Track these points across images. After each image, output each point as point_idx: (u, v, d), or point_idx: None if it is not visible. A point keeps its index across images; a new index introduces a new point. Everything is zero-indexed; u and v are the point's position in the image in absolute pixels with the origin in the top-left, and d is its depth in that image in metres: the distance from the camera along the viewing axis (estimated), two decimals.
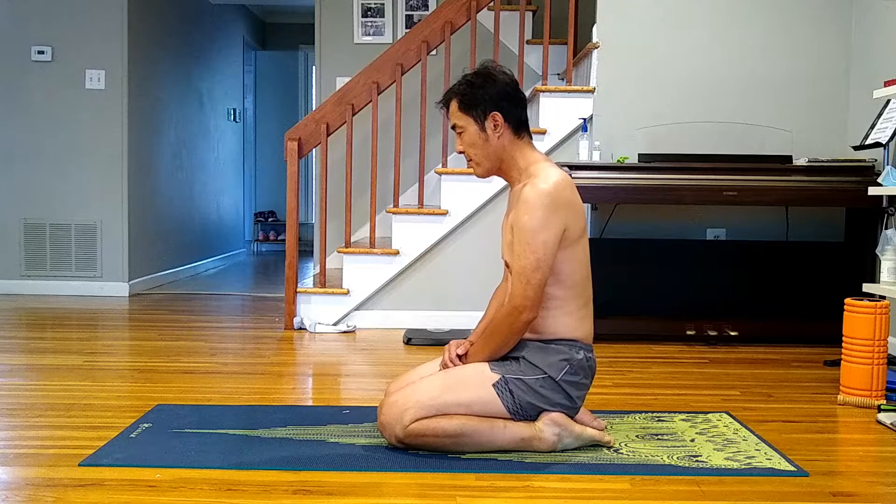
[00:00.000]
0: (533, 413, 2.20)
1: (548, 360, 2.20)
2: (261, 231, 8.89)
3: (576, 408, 2.25)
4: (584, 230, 2.25)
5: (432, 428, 2.13)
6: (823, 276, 3.94)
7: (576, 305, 2.24)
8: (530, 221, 2.13)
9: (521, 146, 2.28)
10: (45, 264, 5.35)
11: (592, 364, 2.28)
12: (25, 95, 5.28)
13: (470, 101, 2.25)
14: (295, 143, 4.19)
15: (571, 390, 2.21)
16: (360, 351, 3.71)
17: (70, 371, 3.16)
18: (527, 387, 2.18)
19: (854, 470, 2.14)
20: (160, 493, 1.90)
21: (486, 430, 2.16)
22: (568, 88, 4.21)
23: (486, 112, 2.23)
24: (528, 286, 2.13)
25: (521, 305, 2.13)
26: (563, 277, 2.20)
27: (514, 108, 2.26)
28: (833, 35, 4.14)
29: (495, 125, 2.24)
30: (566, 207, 2.16)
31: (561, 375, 2.19)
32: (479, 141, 2.26)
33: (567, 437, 2.20)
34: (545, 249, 2.13)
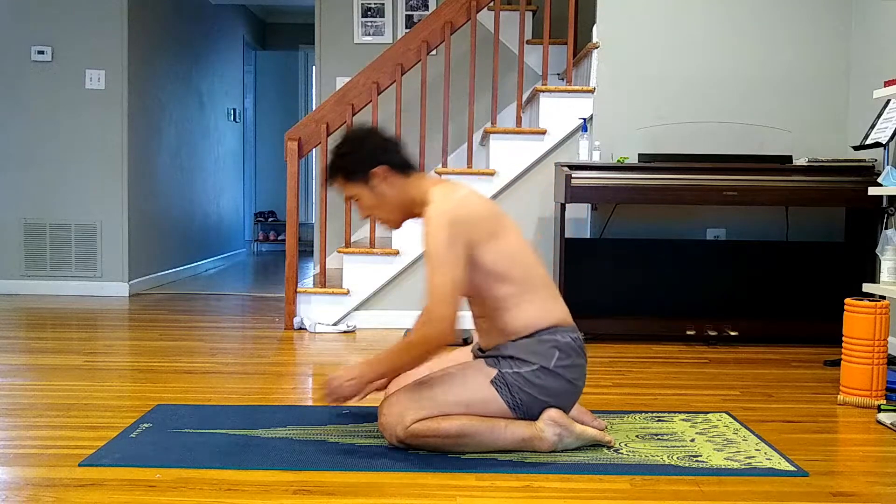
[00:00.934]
0: (534, 408, 2.19)
1: (537, 351, 2.19)
2: (261, 231, 8.89)
3: (578, 391, 2.25)
4: (503, 225, 2.22)
5: (433, 429, 2.13)
6: (823, 276, 3.94)
7: (532, 294, 2.22)
8: (435, 245, 2.12)
9: (414, 182, 2.27)
10: (45, 264, 5.35)
11: (580, 343, 2.27)
12: (25, 95, 5.28)
13: (350, 170, 2.25)
14: (295, 143, 4.19)
15: (567, 374, 2.20)
16: (360, 351, 3.71)
17: (70, 371, 3.16)
18: (524, 380, 2.17)
19: (854, 470, 2.14)
20: (160, 493, 1.90)
21: (486, 430, 2.16)
22: (568, 88, 4.21)
23: (369, 172, 2.23)
24: (446, 305, 2.09)
25: (439, 328, 2.09)
26: (502, 275, 2.19)
27: (391, 155, 2.25)
28: (833, 35, 4.14)
29: (384, 179, 2.24)
30: (466, 221, 2.14)
31: (554, 363, 2.19)
32: (377, 201, 2.26)
33: (568, 436, 2.20)
34: (455, 269, 2.11)
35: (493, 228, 2.20)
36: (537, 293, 2.24)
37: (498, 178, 4.23)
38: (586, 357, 2.29)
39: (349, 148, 2.26)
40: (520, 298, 2.21)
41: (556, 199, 4.01)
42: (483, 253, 2.18)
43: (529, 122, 4.66)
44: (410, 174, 2.28)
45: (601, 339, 3.94)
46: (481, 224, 2.18)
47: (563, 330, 2.24)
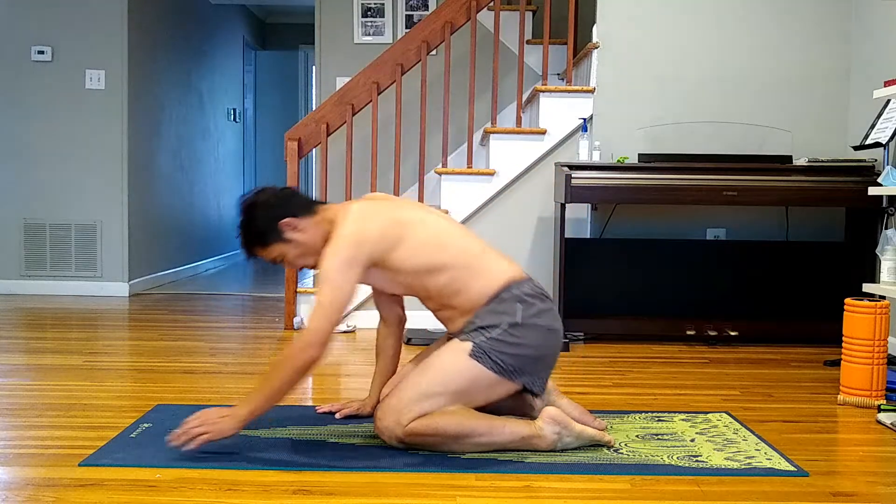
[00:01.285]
0: (524, 366, 2.17)
1: (501, 311, 2.19)
2: None
3: (557, 334, 2.24)
4: (410, 222, 2.22)
5: (432, 427, 2.13)
6: (823, 276, 3.94)
7: (473, 267, 2.22)
8: (327, 268, 2.12)
9: (321, 217, 2.26)
10: (45, 264, 5.35)
11: (540, 289, 2.27)
12: (25, 95, 5.28)
13: (260, 237, 2.25)
14: (295, 143, 4.19)
15: (539, 320, 2.20)
16: (360, 351, 3.71)
17: (70, 371, 3.16)
18: (499, 342, 2.16)
19: (854, 470, 2.14)
20: (160, 493, 1.90)
21: (484, 428, 2.16)
22: (568, 88, 4.21)
23: (278, 230, 2.22)
24: (325, 320, 2.08)
25: (313, 340, 2.07)
26: (432, 266, 2.19)
27: (288, 205, 2.24)
28: (833, 35, 4.14)
29: (295, 228, 2.23)
30: (364, 241, 2.14)
31: (521, 315, 2.18)
32: (299, 250, 2.26)
33: (567, 435, 2.20)
34: (342, 284, 2.10)
35: (398, 233, 2.19)
36: (478, 264, 2.23)
37: (498, 178, 4.23)
38: (550, 299, 2.29)
39: (247, 218, 2.26)
40: (462, 277, 2.21)
41: (556, 199, 4.01)
42: (397, 259, 2.18)
43: (529, 122, 4.66)
44: (316, 210, 2.27)
45: (601, 339, 3.94)
46: (381, 238, 2.16)
47: (518, 284, 2.23)
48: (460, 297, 2.22)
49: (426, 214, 2.30)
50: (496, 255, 2.30)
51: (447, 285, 2.21)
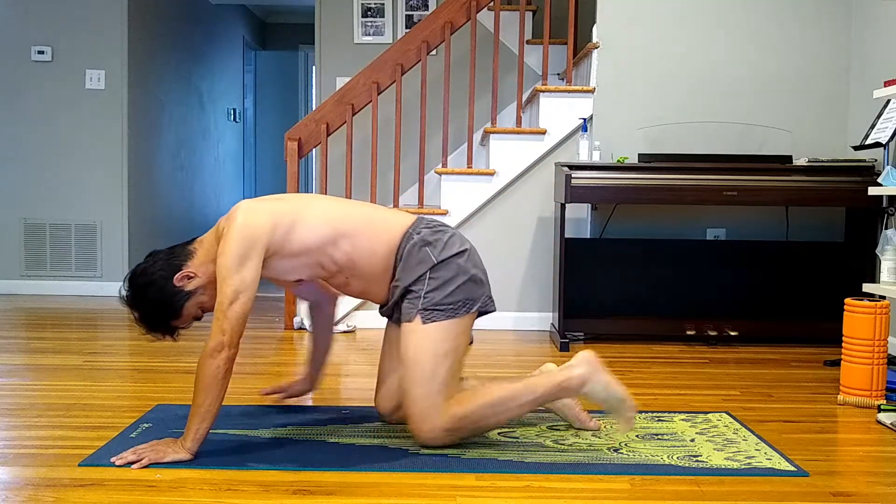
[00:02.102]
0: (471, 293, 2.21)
1: (414, 263, 2.20)
2: None
3: (471, 251, 2.27)
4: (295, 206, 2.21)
5: (469, 409, 2.15)
6: (823, 276, 3.94)
7: (368, 229, 2.23)
8: (223, 262, 2.09)
9: (203, 249, 2.22)
10: (45, 264, 5.35)
11: (432, 221, 2.29)
12: (25, 95, 5.28)
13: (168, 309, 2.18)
14: (295, 143, 4.19)
15: (451, 250, 2.22)
16: (360, 351, 3.71)
17: (70, 371, 3.16)
18: (433, 292, 2.18)
19: (854, 470, 2.14)
20: (160, 493, 1.90)
21: (519, 390, 2.18)
22: (568, 88, 4.21)
23: (179, 291, 2.17)
24: (226, 320, 2.05)
25: (219, 342, 2.05)
26: (331, 235, 2.19)
27: (171, 263, 2.19)
28: (833, 35, 4.14)
29: (189, 276, 2.19)
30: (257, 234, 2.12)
31: (435, 256, 2.20)
32: (210, 292, 2.20)
33: (597, 382, 2.20)
34: (241, 280, 2.08)
35: (290, 219, 2.18)
36: (373, 224, 2.24)
37: (498, 178, 4.23)
38: (446, 225, 2.31)
39: (143, 307, 2.19)
40: (362, 241, 2.22)
41: (556, 199, 4.01)
42: (297, 241, 2.18)
43: (529, 122, 4.66)
44: (192, 249, 2.23)
45: (601, 339, 3.94)
46: (272, 228, 2.15)
47: (414, 228, 2.25)
48: (364, 264, 2.22)
49: (310, 198, 2.31)
50: (384, 211, 2.32)
51: (351, 252, 2.21)
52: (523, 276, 4.27)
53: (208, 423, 2.10)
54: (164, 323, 2.22)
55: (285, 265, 2.22)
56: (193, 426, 2.09)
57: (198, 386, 2.08)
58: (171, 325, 2.22)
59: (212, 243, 2.21)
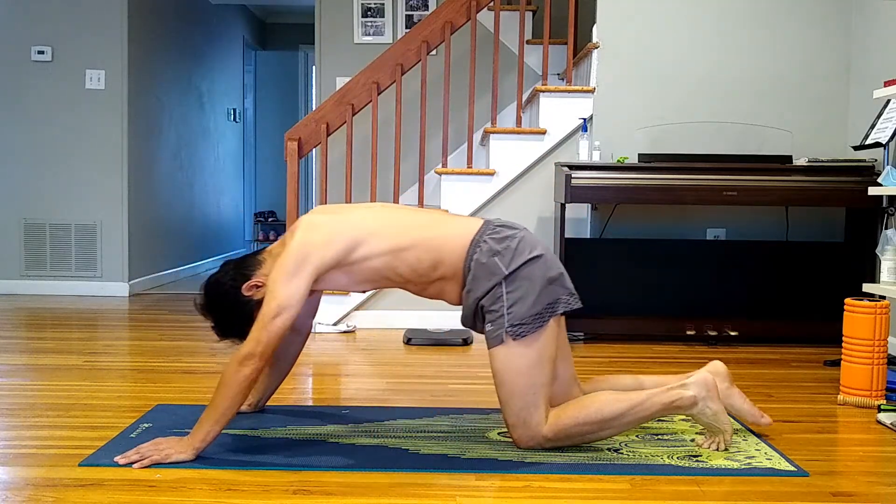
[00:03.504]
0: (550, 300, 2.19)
1: (488, 273, 2.18)
2: (261, 231, 8.89)
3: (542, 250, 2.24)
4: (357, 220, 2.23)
5: (573, 422, 2.15)
6: (823, 276, 3.94)
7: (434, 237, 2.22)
8: (276, 274, 2.13)
9: (272, 259, 2.25)
10: (45, 264, 5.35)
11: (497, 224, 2.26)
12: (25, 95, 5.28)
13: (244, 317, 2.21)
14: (295, 143, 4.19)
15: (522, 257, 2.19)
16: (360, 351, 3.71)
17: (70, 371, 3.16)
18: (515, 305, 2.16)
19: (854, 470, 2.14)
20: (160, 493, 1.90)
21: (626, 407, 2.16)
22: (568, 88, 4.21)
23: (248, 300, 2.22)
24: (264, 331, 2.07)
25: (251, 352, 2.06)
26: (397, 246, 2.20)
27: (241, 273, 2.25)
28: (833, 35, 4.14)
29: (257, 286, 2.23)
30: (312, 251, 2.14)
31: (507, 265, 2.18)
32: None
33: (711, 403, 2.18)
34: (288, 296, 2.10)
35: (353, 235, 2.19)
36: (433, 238, 2.23)
37: (498, 178, 4.23)
38: (512, 226, 2.28)
39: (217, 314, 2.26)
40: (431, 248, 2.21)
41: (556, 199, 4.01)
42: (363, 254, 2.19)
43: (529, 122, 4.66)
44: (262, 258, 2.27)
45: (601, 339, 3.94)
46: (328, 244, 2.16)
47: (480, 238, 2.22)
48: (438, 269, 2.22)
49: (374, 212, 2.30)
50: (448, 220, 2.32)
51: (419, 261, 2.21)
52: None
53: (220, 427, 2.09)
54: (236, 329, 2.25)
55: (348, 278, 2.24)
56: (205, 427, 2.08)
57: (220, 389, 2.07)
58: (243, 331, 2.22)
59: (278, 254, 2.24)
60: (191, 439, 2.09)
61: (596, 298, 3.99)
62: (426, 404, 2.74)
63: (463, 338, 3.84)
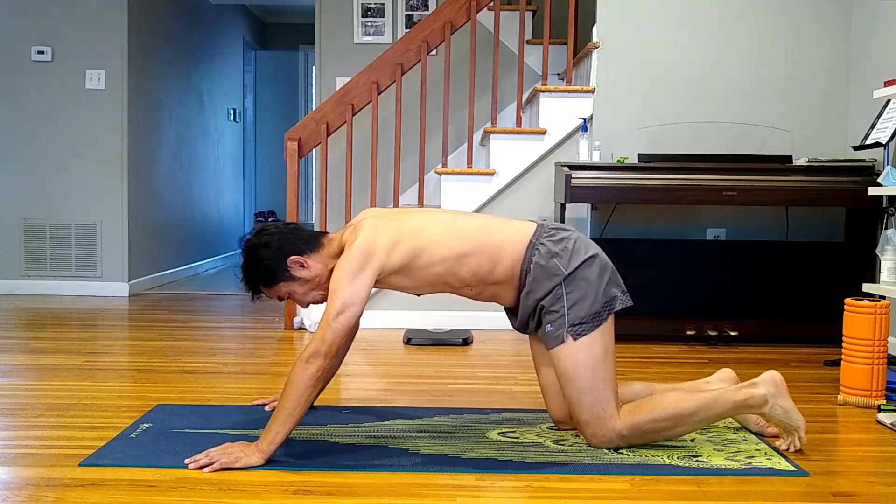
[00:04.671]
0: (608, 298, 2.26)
1: (548, 274, 2.21)
2: None
3: (597, 250, 2.28)
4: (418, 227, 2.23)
5: (648, 419, 2.18)
6: (823, 276, 3.94)
7: (491, 242, 2.24)
8: (339, 274, 2.13)
9: (328, 249, 2.27)
10: (45, 264, 5.35)
11: (551, 226, 2.29)
12: (25, 95, 5.28)
13: (267, 277, 2.25)
14: (295, 143, 4.19)
15: (579, 257, 2.22)
16: (360, 351, 3.71)
17: (70, 371, 3.16)
18: (575, 306, 2.19)
19: (854, 470, 2.14)
20: (160, 493, 1.90)
21: (697, 405, 2.18)
22: (568, 88, 4.21)
23: (286, 269, 2.23)
24: (329, 329, 2.08)
25: (317, 350, 2.06)
26: (458, 253, 2.22)
27: (297, 243, 2.25)
28: (833, 35, 4.14)
29: (303, 265, 2.24)
30: (376, 252, 2.16)
31: (566, 266, 2.20)
32: (308, 287, 2.27)
33: (781, 401, 2.20)
34: (352, 293, 2.11)
35: (413, 243, 2.20)
36: (490, 243, 2.24)
37: (498, 178, 4.23)
38: (567, 228, 2.30)
39: (252, 259, 2.26)
40: (489, 253, 2.23)
41: (556, 199, 4.01)
42: (423, 262, 2.21)
43: (529, 122, 4.66)
44: (322, 243, 2.28)
45: None
46: (391, 249, 2.18)
47: (536, 240, 2.25)
48: (497, 272, 2.25)
49: (433, 218, 2.31)
50: (503, 224, 2.33)
51: (480, 266, 2.24)
52: None
53: (288, 428, 2.06)
54: (255, 283, 2.28)
55: (410, 281, 2.26)
56: (274, 428, 2.05)
57: (287, 389, 2.06)
58: (258, 288, 2.28)
59: (334, 248, 2.26)
60: (259, 443, 2.07)
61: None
62: (426, 404, 2.74)
63: (463, 338, 3.84)
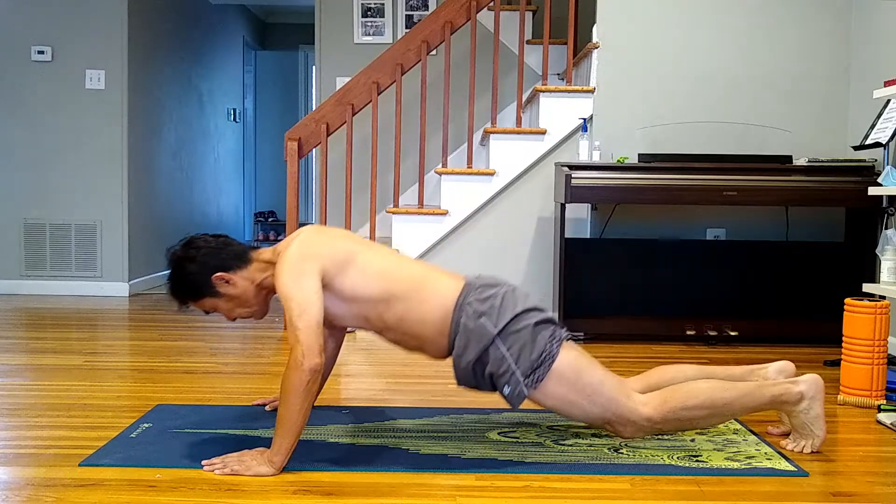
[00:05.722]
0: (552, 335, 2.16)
1: (475, 338, 2.15)
2: (261, 231, 8.89)
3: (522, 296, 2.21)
4: (354, 249, 2.21)
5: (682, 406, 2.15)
6: (823, 276, 3.94)
7: (421, 294, 2.19)
8: (282, 280, 2.10)
9: (255, 265, 2.25)
10: (45, 264, 5.35)
11: (479, 284, 2.22)
12: (25, 95, 5.28)
13: (192, 291, 2.23)
14: (295, 143, 4.19)
15: (508, 313, 2.15)
16: (360, 351, 3.71)
17: (70, 371, 3.16)
18: (520, 359, 2.13)
19: (854, 470, 2.14)
20: (160, 493, 1.90)
21: (734, 395, 2.17)
22: (568, 88, 4.21)
23: (211, 285, 2.21)
24: (297, 332, 2.02)
25: (296, 357, 2.01)
26: (384, 293, 2.18)
27: (223, 259, 2.23)
28: (833, 35, 4.14)
29: (228, 281, 2.22)
30: (313, 255, 2.14)
31: (495, 325, 2.14)
32: (233, 304, 2.25)
33: (817, 405, 2.20)
34: (303, 293, 2.07)
35: (345, 258, 2.19)
36: (421, 291, 2.20)
37: (498, 178, 4.23)
38: (493, 284, 2.23)
39: (178, 272, 2.24)
40: (415, 306, 2.18)
41: (556, 199, 4.01)
42: (348, 284, 2.17)
43: (529, 122, 4.66)
44: (249, 259, 2.25)
45: (601, 339, 3.93)
46: (328, 255, 2.16)
47: (464, 300, 2.19)
48: (421, 329, 2.20)
49: (368, 246, 2.29)
50: (436, 274, 2.27)
51: (403, 315, 2.19)
52: (523, 276, 4.27)
53: (292, 436, 2.02)
54: (181, 296, 2.27)
55: (340, 306, 2.20)
56: (278, 439, 2.03)
57: (283, 399, 2.03)
58: (185, 301, 2.27)
59: (263, 263, 2.24)
60: (270, 455, 2.04)
61: (596, 298, 4.00)
62: (426, 404, 2.74)
63: None
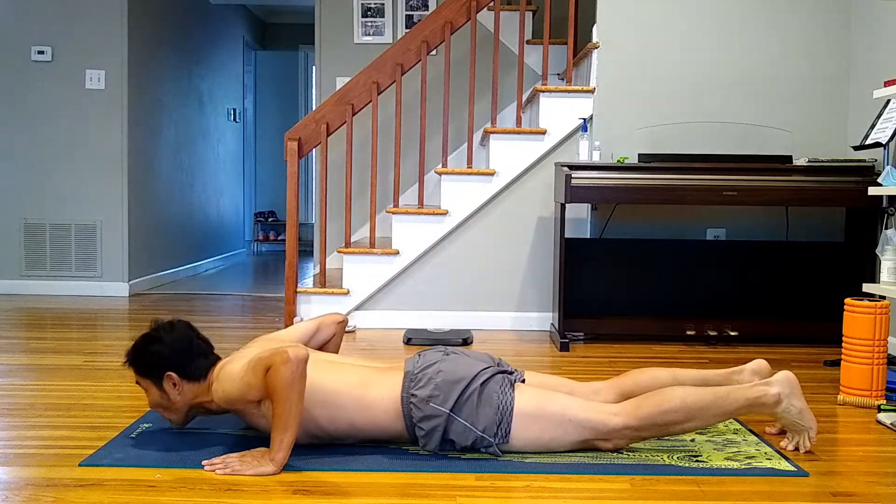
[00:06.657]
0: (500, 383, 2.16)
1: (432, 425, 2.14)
2: (261, 231, 8.89)
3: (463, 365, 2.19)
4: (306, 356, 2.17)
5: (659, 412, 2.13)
6: (823, 276, 3.94)
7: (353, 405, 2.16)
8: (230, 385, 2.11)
9: (205, 387, 2.22)
10: (45, 264, 5.35)
11: (415, 368, 2.20)
12: (25, 95, 5.28)
13: (143, 367, 2.21)
14: (295, 143, 4.19)
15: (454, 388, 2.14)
16: (360, 351, 3.71)
17: (70, 371, 3.16)
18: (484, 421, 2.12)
19: (854, 470, 2.14)
20: (160, 493, 1.90)
21: (710, 400, 2.14)
22: (568, 88, 4.21)
23: (161, 375, 2.19)
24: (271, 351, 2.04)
25: (280, 355, 2.00)
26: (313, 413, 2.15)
27: (188, 363, 2.20)
28: (833, 35, 4.14)
29: (175, 384, 2.20)
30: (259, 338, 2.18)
31: (445, 404, 2.13)
32: (163, 401, 2.23)
33: (795, 401, 2.18)
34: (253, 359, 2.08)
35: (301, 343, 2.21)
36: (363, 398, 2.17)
37: (498, 178, 4.23)
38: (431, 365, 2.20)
39: (147, 345, 2.21)
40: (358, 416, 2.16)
41: (556, 199, 4.01)
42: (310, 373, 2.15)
43: (529, 122, 4.66)
44: (203, 378, 2.22)
45: (601, 339, 3.94)
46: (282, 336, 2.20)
47: (406, 394, 2.16)
48: (377, 428, 2.19)
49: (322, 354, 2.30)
50: (372, 374, 2.24)
51: (354, 423, 2.17)
52: (523, 275, 4.27)
53: (292, 431, 2.02)
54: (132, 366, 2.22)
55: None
56: (277, 436, 2.03)
57: (273, 399, 2.03)
58: (131, 366, 2.23)
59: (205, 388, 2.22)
60: (270, 453, 2.04)
61: (596, 298, 4.00)
62: None
63: (463, 337, 3.84)
